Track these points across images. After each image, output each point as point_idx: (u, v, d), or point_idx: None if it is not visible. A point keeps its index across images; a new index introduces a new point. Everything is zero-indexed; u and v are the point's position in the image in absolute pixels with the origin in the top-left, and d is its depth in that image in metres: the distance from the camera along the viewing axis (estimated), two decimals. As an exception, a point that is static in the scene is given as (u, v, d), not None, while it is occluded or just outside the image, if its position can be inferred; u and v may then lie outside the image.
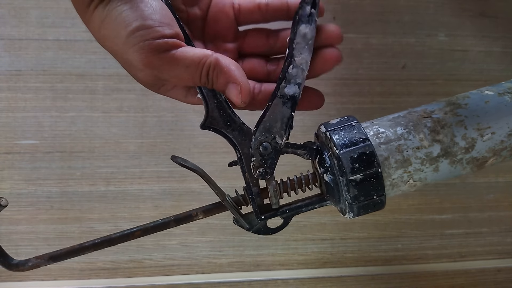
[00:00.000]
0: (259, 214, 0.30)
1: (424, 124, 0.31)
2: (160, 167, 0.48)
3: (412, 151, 0.30)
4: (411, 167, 0.30)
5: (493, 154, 0.32)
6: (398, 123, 0.31)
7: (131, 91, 0.48)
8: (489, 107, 0.32)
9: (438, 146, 0.30)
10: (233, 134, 0.29)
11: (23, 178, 0.47)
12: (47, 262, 0.29)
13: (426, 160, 0.30)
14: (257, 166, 0.29)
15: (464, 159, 0.31)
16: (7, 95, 0.47)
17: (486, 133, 0.31)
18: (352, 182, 0.28)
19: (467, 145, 0.31)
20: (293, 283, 0.47)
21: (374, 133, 0.30)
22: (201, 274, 0.48)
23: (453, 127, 0.31)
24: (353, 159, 0.28)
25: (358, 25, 0.52)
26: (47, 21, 0.47)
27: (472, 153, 0.31)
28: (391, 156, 0.30)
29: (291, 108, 0.28)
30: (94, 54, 0.48)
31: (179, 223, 0.32)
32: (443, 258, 0.52)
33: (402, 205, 0.51)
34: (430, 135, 0.30)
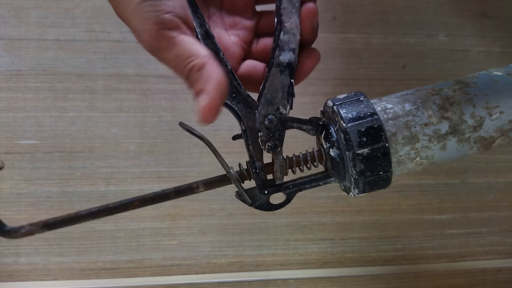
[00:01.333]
0: (262, 189, 0.30)
1: (433, 101, 0.30)
2: (160, 167, 0.48)
3: (420, 127, 0.29)
4: (419, 143, 0.30)
5: (500, 134, 0.31)
6: (406, 99, 0.31)
7: (131, 91, 0.48)
8: (498, 87, 0.31)
9: (447, 124, 0.30)
10: (238, 107, 0.29)
11: (23, 178, 0.47)
12: (41, 230, 0.29)
13: (434, 137, 0.30)
14: (265, 140, 0.29)
15: (472, 138, 0.31)
16: (7, 95, 0.47)
17: (495, 112, 0.31)
18: (359, 156, 0.28)
19: (475, 123, 0.30)
20: (293, 283, 0.47)
21: (382, 108, 0.30)
22: (201, 274, 0.48)
23: (462, 105, 0.30)
24: (360, 133, 0.28)
25: (358, 25, 0.52)
26: (47, 21, 0.47)
27: (480, 132, 0.31)
28: (398, 132, 0.29)
29: (290, 75, 0.28)
30: (94, 54, 0.48)
31: (179, 195, 0.31)
32: (443, 258, 0.52)
33: (402, 205, 0.51)
34: (438, 112, 0.30)
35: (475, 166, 0.52)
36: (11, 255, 0.46)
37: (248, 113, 0.29)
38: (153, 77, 0.48)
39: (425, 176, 0.52)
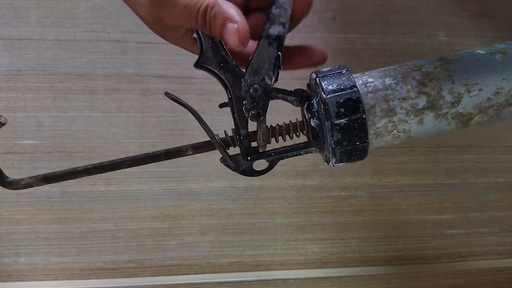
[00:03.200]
0: (246, 155, 0.31)
1: (413, 77, 0.31)
2: (160, 167, 0.48)
3: (398, 101, 0.30)
4: (396, 117, 0.30)
5: (479, 111, 0.32)
6: (387, 74, 0.32)
7: (131, 91, 0.48)
8: (478, 65, 0.32)
9: (424, 98, 0.31)
10: (225, 76, 0.30)
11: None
12: (40, 183, 0.30)
13: (411, 111, 0.31)
14: (249, 108, 0.30)
15: (449, 114, 0.31)
16: (7, 95, 0.47)
17: (473, 89, 0.31)
18: (336, 126, 0.29)
19: (453, 99, 0.31)
20: (293, 283, 0.47)
21: (363, 82, 0.31)
22: (201, 274, 0.48)
23: (441, 81, 0.31)
24: (339, 104, 0.29)
25: (358, 25, 0.52)
26: (47, 21, 0.47)
27: (458, 108, 0.31)
28: (377, 105, 0.30)
29: (277, 48, 0.29)
30: (94, 54, 0.48)
31: (170, 156, 0.32)
32: (443, 258, 0.52)
33: (402, 205, 0.51)
34: (417, 87, 0.31)
35: (475, 166, 0.52)
36: (11, 255, 0.46)
37: (235, 83, 0.30)
38: (153, 77, 0.48)
39: (425, 176, 0.52)
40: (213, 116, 0.50)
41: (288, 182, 0.50)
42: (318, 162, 0.50)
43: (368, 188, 0.51)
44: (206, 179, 0.49)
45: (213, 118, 0.49)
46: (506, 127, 0.53)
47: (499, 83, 0.32)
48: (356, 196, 0.51)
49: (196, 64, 0.29)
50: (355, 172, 0.51)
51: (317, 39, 0.51)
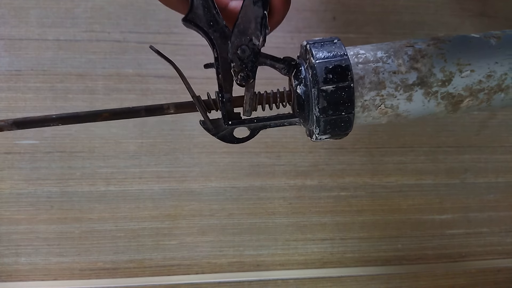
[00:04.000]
0: (227, 120, 0.30)
1: (405, 52, 0.31)
2: (160, 167, 0.48)
3: (388, 74, 0.30)
4: (385, 90, 0.30)
5: (469, 93, 0.31)
6: (380, 48, 0.31)
7: (131, 91, 0.48)
8: (472, 46, 0.32)
9: (415, 74, 0.30)
10: (214, 35, 0.29)
11: (23, 178, 0.47)
12: (10, 127, 0.29)
13: (400, 86, 0.30)
14: (237, 71, 0.29)
15: (439, 93, 0.31)
16: (7, 95, 0.47)
17: (465, 69, 0.31)
18: (323, 92, 0.28)
19: (444, 78, 0.30)
20: (293, 283, 0.47)
21: (354, 53, 0.30)
22: (201, 274, 0.48)
23: (433, 58, 0.31)
24: (327, 70, 0.28)
25: (358, 25, 0.52)
26: (47, 21, 0.47)
27: (448, 88, 0.31)
28: (366, 76, 0.30)
29: (263, 7, 0.28)
30: (94, 54, 0.48)
31: (150, 113, 0.31)
32: (443, 258, 0.52)
33: (402, 205, 0.51)
34: (409, 62, 0.30)
35: (475, 166, 0.52)
36: (11, 255, 0.46)
37: (223, 43, 0.29)
38: (153, 77, 0.48)
39: (425, 176, 0.52)
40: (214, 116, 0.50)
41: (288, 182, 0.50)
42: (318, 162, 0.50)
43: (368, 188, 0.51)
44: (206, 179, 0.49)
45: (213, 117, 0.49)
46: (507, 127, 0.53)
47: (492, 66, 0.31)
48: (356, 196, 0.51)
49: (184, 19, 0.28)
50: (355, 172, 0.51)
51: (317, 39, 0.51)
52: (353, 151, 0.51)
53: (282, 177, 0.50)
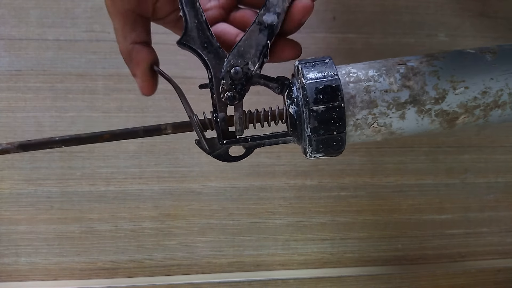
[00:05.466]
0: (221, 139, 0.31)
1: (397, 70, 0.31)
2: (160, 167, 0.48)
3: (380, 93, 0.30)
4: (377, 109, 0.30)
5: (464, 110, 0.31)
6: (372, 66, 0.31)
7: (131, 91, 0.48)
8: (466, 62, 0.31)
9: (407, 92, 0.30)
10: (208, 56, 0.29)
11: (23, 178, 0.47)
12: (16, 150, 0.31)
13: (392, 105, 0.30)
14: (226, 89, 0.30)
15: (432, 110, 0.31)
16: (7, 95, 0.47)
17: (460, 86, 0.30)
18: (313, 112, 0.28)
19: (437, 95, 0.30)
20: (293, 283, 0.47)
21: (346, 72, 0.31)
22: (201, 274, 0.48)
23: (426, 76, 0.30)
24: (317, 90, 0.29)
25: (358, 25, 0.52)
26: (47, 21, 0.47)
27: (442, 105, 0.30)
28: (357, 95, 0.30)
29: (268, 37, 0.29)
30: (94, 54, 0.48)
31: (148, 134, 0.32)
32: (443, 258, 0.52)
33: (402, 205, 0.51)
34: (400, 80, 0.30)
35: (475, 166, 0.52)
36: (11, 255, 0.47)
37: (217, 64, 0.30)
38: (153, 77, 0.48)
39: (425, 176, 0.52)
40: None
41: (288, 182, 0.50)
42: (318, 162, 0.50)
43: (368, 188, 0.51)
44: (206, 179, 0.49)
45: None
46: (507, 127, 0.53)
47: (487, 83, 0.31)
48: (356, 196, 0.51)
49: (179, 42, 0.29)
50: (355, 172, 0.51)
51: (317, 39, 0.51)
52: (353, 151, 0.51)
53: (282, 177, 0.50)
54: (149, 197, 0.48)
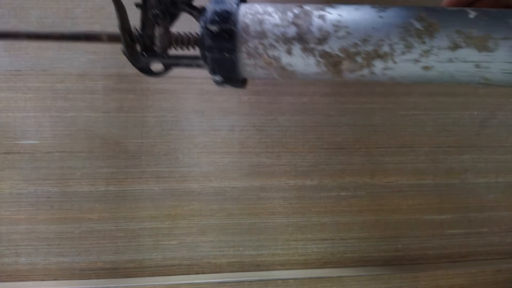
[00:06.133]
0: (143, 52, 0.34)
1: (292, 10, 0.34)
2: (160, 167, 0.48)
3: (271, 26, 0.33)
4: (267, 40, 0.33)
5: (346, 55, 0.33)
6: (273, 5, 0.35)
7: (131, 91, 0.48)
8: (354, 11, 0.34)
9: (295, 29, 0.33)
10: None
11: (23, 178, 0.47)
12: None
13: (280, 38, 0.33)
14: (152, 7, 0.34)
15: (316, 50, 0.33)
16: (7, 95, 0.47)
17: (342, 30, 0.33)
18: (209, 32, 0.32)
19: (321, 36, 0.33)
20: (293, 283, 0.47)
21: (249, 6, 0.34)
22: (201, 274, 0.48)
23: (314, 18, 0.33)
24: (215, 13, 0.32)
25: (358, 25, 0.52)
26: (47, 21, 0.47)
27: (325, 47, 0.33)
28: (252, 25, 0.33)
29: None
30: (94, 54, 0.48)
31: (88, 40, 0.36)
32: (443, 258, 0.52)
33: (402, 205, 0.51)
34: (292, 19, 0.33)
35: (475, 166, 0.52)
36: (11, 255, 0.47)
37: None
38: (153, 77, 0.48)
39: (425, 176, 0.52)
40: (214, 116, 0.50)
41: (288, 182, 0.50)
42: (318, 162, 0.50)
43: (368, 188, 0.51)
44: (206, 179, 0.49)
45: (214, 118, 0.50)
46: (507, 127, 0.54)
47: (368, 31, 0.33)
48: (356, 196, 0.51)
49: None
50: (355, 172, 0.51)
51: (317, 39, 0.51)
52: (353, 151, 0.51)
53: (282, 177, 0.50)
54: (149, 197, 0.48)
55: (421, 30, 0.33)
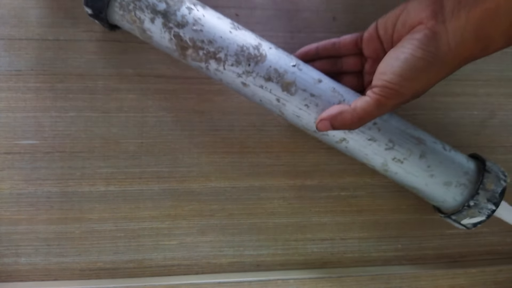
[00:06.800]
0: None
1: (183, 1, 0.40)
2: (160, 167, 0.48)
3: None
4: (140, 2, 0.39)
5: (193, 45, 0.40)
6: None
7: (131, 91, 0.48)
8: (216, 19, 0.40)
9: (164, 6, 0.39)
10: None
11: (23, 178, 0.47)
12: None
13: (150, 7, 0.39)
14: None
15: (173, 30, 0.39)
16: (7, 95, 0.47)
17: (198, 26, 0.40)
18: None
19: (181, 22, 0.39)
20: (293, 283, 0.47)
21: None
22: (201, 274, 0.48)
23: (183, 6, 0.40)
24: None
25: (358, 25, 0.52)
26: (47, 21, 0.47)
27: (180, 31, 0.39)
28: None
29: None
30: (94, 54, 0.48)
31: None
32: (443, 258, 0.52)
33: (402, 205, 0.51)
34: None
35: (475, 166, 0.52)
36: (11, 255, 0.46)
37: None
38: (153, 77, 0.48)
39: (425, 176, 0.51)
40: (213, 116, 0.50)
41: (288, 182, 0.50)
42: (318, 162, 0.50)
43: (368, 188, 0.51)
44: (206, 179, 0.49)
45: (213, 118, 0.50)
46: (507, 127, 0.54)
47: (216, 37, 0.39)
48: (356, 196, 0.51)
49: None
50: (355, 172, 0.51)
51: (317, 39, 0.51)
52: (353, 151, 0.51)
53: (282, 177, 0.50)
54: (149, 197, 0.48)
55: (251, 55, 0.40)
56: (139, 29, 0.41)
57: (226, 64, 0.40)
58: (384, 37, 0.41)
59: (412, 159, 0.42)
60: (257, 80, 0.40)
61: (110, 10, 0.41)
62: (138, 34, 0.42)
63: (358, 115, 0.37)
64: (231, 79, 0.41)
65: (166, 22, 0.39)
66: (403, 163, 0.42)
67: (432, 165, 0.42)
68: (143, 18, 0.40)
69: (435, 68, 0.35)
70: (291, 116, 0.42)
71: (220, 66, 0.40)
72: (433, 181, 0.43)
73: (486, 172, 0.42)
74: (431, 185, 0.43)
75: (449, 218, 0.45)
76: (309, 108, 0.40)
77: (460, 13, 0.34)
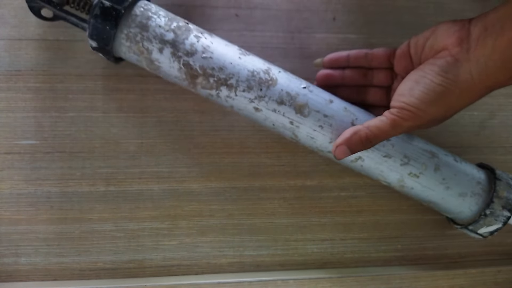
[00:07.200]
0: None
1: (178, 22, 0.40)
2: (160, 168, 0.48)
3: (155, 25, 0.39)
4: (146, 33, 0.39)
5: (202, 73, 0.39)
6: (167, 13, 0.40)
7: (131, 91, 0.48)
8: (224, 46, 0.40)
9: (172, 35, 0.39)
10: None
11: (23, 178, 0.47)
12: None
13: (158, 37, 0.39)
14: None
15: (182, 59, 0.39)
16: (7, 95, 0.47)
17: (207, 53, 0.39)
18: (101, 4, 0.38)
19: (190, 50, 0.39)
20: (293, 284, 0.47)
21: (147, 3, 0.40)
22: (201, 274, 0.48)
23: (191, 34, 0.39)
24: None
25: (358, 25, 0.52)
26: (47, 21, 0.47)
27: (190, 59, 0.39)
28: (140, 17, 0.39)
29: None
30: (94, 54, 0.48)
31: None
32: (443, 259, 0.52)
33: (403, 205, 0.51)
34: (174, 27, 0.39)
35: (475, 167, 0.52)
36: (11, 255, 0.46)
37: None
38: (153, 77, 0.48)
39: (425, 176, 0.51)
40: (214, 116, 0.50)
41: (288, 182, 0.50)
42: (318, 162, 0.50)
43: (368, 189, 0.51)
44: (206, 179, 0.49)
45: (214, 118, 0.50)
46: (507, 127, 0.54)
47: (226, 63, 0.39)
48: (356, 196, 0.51)
49: None
50: (355, 172, 0.51)
51: (317, 39, 0.51)
52: (353, 152, 0.51)
53: (282, 178, 0.50)
54: (149, 198, 0.48)
55: (262, 80, 0.40)
56: (146, 60, 0.40)
57: (237, 90, 0.39)
58: (415, 56, 0.40)
59: (428, 173, 0.42)
60: (269, 104, 0.40)
61: (116, 42, 0.40)
62: (145, 66, 0.41)
63: (372, 133, 0.37)
64: (243, 105, 0.40)
65: (175, 52, 0.39)
66: (419, 177, 0.42)
67: (446, 177, 0.42)
68: (151, 49, 0.39)
69: (454, 95, 0.35)
70: (305, 138, 0.42)
71: (231, 93, 0.40)
72: (449, 193, 0.43)
73: (498, 180, 0.43)
74: (447, 197, 0.43)
75: (466, 229, 0.45)
76: (323, 129, 0.40)
77: (486, 40, 0.33)
